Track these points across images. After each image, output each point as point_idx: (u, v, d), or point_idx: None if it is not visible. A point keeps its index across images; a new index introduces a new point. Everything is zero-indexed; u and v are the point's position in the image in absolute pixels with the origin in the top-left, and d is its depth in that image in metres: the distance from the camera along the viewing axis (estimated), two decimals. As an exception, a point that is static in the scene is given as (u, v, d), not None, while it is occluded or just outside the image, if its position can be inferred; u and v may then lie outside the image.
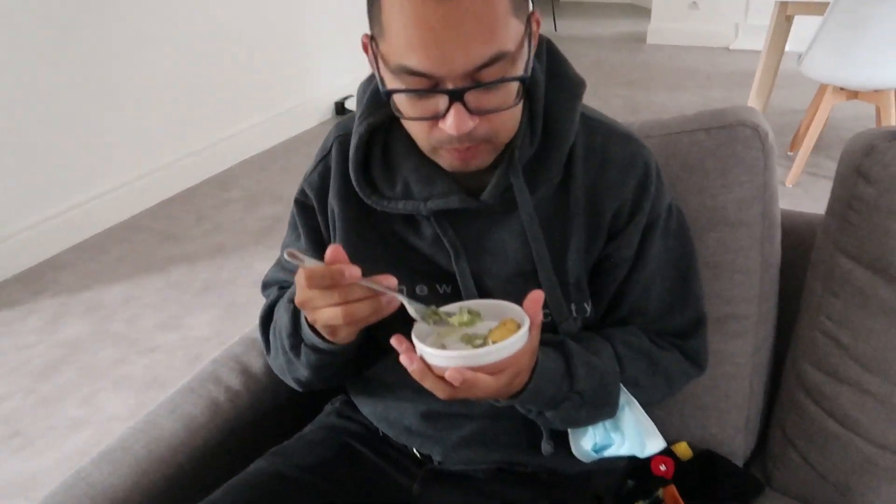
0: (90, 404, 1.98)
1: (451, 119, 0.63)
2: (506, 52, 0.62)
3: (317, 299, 0.63)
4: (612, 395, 0.77)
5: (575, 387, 0.72)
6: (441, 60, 0.60)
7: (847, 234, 0.88)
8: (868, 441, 0.89)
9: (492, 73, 0.62)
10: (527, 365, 0.66)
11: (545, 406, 0.73)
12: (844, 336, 0.90)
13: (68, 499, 0.84)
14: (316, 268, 0.62)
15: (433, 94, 0.64)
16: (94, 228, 2.97)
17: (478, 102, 0.64)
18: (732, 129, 0.92)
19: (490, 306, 0.68)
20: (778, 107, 3.64)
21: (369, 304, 0.64)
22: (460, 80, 0.62)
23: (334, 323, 0.64)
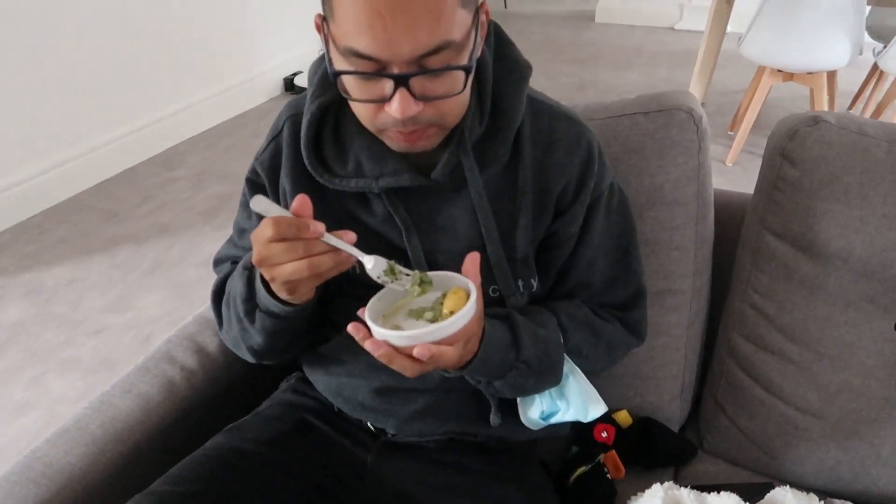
0: (36, 387, 1.95)
1: (396, 103, 0.65)
2: (451, 41, 0.64)
3: (279, 254, 0.65)
4: (557, 364, 0.82)
5: (521, 356, 0.76)
6: (388, 45, 0.62)
7: (773, 213, 0.95)
8: (789, 405, 0.97)
9: (437, 61, 0.65)
10: (476, 331, 0.69)
11: (493, 375, 0.77)
12: (770, 308, 0.97)
13: (25, 478, 0.84)
14: (283, 217, 0.64)
15: (379, 77, 0.65)
16: (33, 209, 2.87)
17: (423, 88, 0.67)
18: (669, 113, 0.97)
19: (435, 277, 0.71)
20: (719, 86, 3.75)
21: (331, 257, 0.66)
22: (406, 65, 0.64)
23: (298, 277, 0.65)
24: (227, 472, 0.82)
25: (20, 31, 2.68)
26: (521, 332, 0.77)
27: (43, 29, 2.77)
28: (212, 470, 0.82)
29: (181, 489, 0.78)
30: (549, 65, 4.26)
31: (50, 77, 2.84)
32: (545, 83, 3.93)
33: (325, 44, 0.69)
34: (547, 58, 4.40)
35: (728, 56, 4.01)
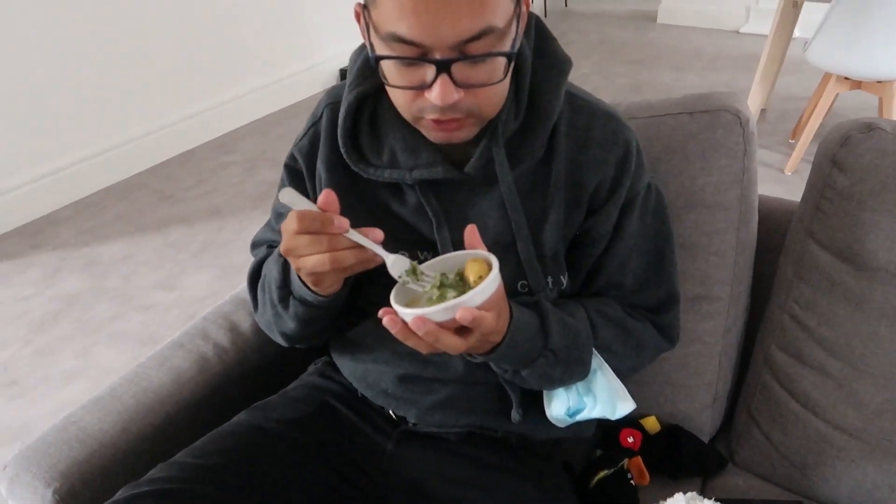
0: (85, 357, 2.03)
1: (437, 89, 0.65)
2: (494, 27, 0.63)
3: (304, 247, 0.66)
4: (585, 355, 0.80)
5: (549, 344, 0.75)
6: (430, 30, 0.62)
7: (819, 222, 0.91)
8: (827, 422, 0.93)
9: (479, 47, 0.64)
10: (503, 306, 0.68)
11: (520, 363, 0.76)
12: (810, 320, 0.93)
13: (59, 440, 0.88)
14: (308, 210, 0.65)
15: (421, 63, 0.65)
16: (94, 186, 2.99)
17: (464, 75, 0.66)
18: (715, 114, 0.94)
19: (454, 258, 0.70)
20: (783, 93, 3.62)
21: (354, 253, 0.66)
22: (448, 51, 0.64)
23: (320, 270, 0.66)
24: (249, 448, 0.84)
25: (87, 17, 2.79)
26: (549, 320, 0.76)
27: (108, 14, 2.87)
28: (233, 445, 0.84)
29: (203, 461, 0.80)
30: (605, 65, 4.20)
31: (114, 61, 2.95)
32: (600, 83, 3.88)
33: (366, 31, 0.70)
34: (603, 57, 4.34)
35: (794, 62, 3.87)
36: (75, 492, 0.84)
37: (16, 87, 2.61)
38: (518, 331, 0.71)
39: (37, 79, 2.67)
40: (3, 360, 2.03)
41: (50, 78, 2.72)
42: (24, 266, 2.48)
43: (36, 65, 2.66)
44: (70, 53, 2.76)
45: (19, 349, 2.07)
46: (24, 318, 2.21)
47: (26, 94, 2.66)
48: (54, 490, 0.83)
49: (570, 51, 4.62)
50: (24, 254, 2.56)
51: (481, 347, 0.70)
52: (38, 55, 2.65)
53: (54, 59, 2.71)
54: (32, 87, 2.67)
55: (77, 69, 2.81)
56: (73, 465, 0.86)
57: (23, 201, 2.74)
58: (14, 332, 2.15)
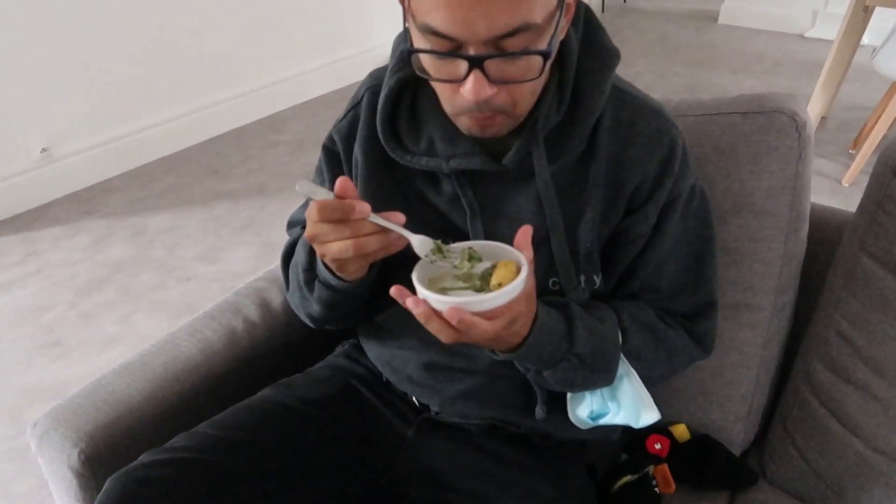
0: (126, 323, 2.08)
1: (470, 85, 0.64)
2: (531, 23, 0.61)
3: (327, 233, 0.65)
4: (611, 363, 0.78)
5: (574, 348, 0.73)
6: (464, 24, 0.60)
7: (874, 235, 0.86)
8: (867, 444, 0.88)
9: (515, 44, 0.62)
10: (524, 311, 0.66)
11: (543, 364, 0.74)
12: (859, 338, 0.89)
13: (88, 402, 0.90)
14: (327, 200, 0.64)
15: (453, 57, 0.64)
16: (146, 157, 3.06)
17: (499, 71, 0.64)
18: (769, 116, 0.90)
19: (486, 247, 0.69)
20: (846, 101, 3.49)
21: (378, 238, 0.66)
22: (482, 46, 0.62)
23: (344, 256, 0.66)
24: (270, 424, 0.84)
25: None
26: (576, 324, 0.74)
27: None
28: (255, 420, 0.84)
29: (223, 434, 0.81)
30: (662, 63, 4.10)
31: (173, 37, 3.01)
32: (654, 82, 3.79)
33: (405, 18, 0.68)
34: (660, 56, 4.24)
35: (861, 69, 3.72)
36: (100, 453, 0.86)
37: (77, 59, 2.69)
38: (542, 333, 0.70)
39: (97, 51, 2.74)
40: (49, 320, 2.10)
41: (110, 51, 2.78)
42: (75, 231, 2.56)
43: (97, 37, 2.72)
44: (131, 28, 2.82)
45: (65, 311, 2.13)
46: (72, 282, 2.27)
47: (87, 67, 2.73)
48: (80, 450, 0.85)
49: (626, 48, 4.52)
50: (76, 219, 2.64)
51: (496, 346, 0.68)
52: (99, 28, 2.72)
53: (114, 33, 2.78)
54: (93, 58, 2.74)
55: (137, 43, 2.87)
56: (100, 427, 0.87)
57: (77, 168, 2.82)
58: (61, 294, 2.21)
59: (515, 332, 0.67)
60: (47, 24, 2.56)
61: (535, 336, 0.69)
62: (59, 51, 2.62)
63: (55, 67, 2.63)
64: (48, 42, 2.58)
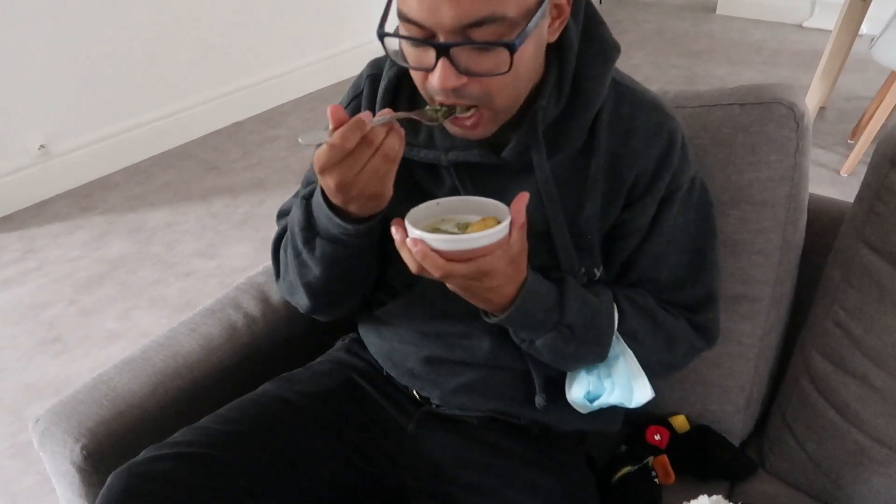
0: (126, 319, 2.08)
1: (438, 72, 0.64)
2: (501, 15, 0.61)
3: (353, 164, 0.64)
4: (603, 337, 0.79)
5: (564, 319, 0.74)
6: (430, 12, 0.61)
7: (872, 225, 0.87)
8: (866, 434, 0.89)
9: (483, 34, 0.62)
10: (501, 269, 0.67)
11: (533, 331, 0.75)
12: (856, 328, 0.89)
13: (89, 398, 0.90)
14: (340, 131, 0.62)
15: (422, 45, 0.64)
16: (144, 153, 3.05)
17: (468, 62, 0.64)
18: (767, 107, 0.90)
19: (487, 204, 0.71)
20: (845, 91, 3.48)
21: (393, 136, 0.65)
22: (450, 35, 0.62)
23: (383, 171, 0.65)
24: (271, 418, 0.85)
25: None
26: (568, 295, 0.75)
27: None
28: (256, 414, 0.84)
29: (225, 428, 0.81)
30: (660, 55, 4.09)
31: (169, 33, 3.00)
32: (653, 74, 3.78)
33: (387, 5, 0.68)
34: (658, 48, 4.23)
35: (859, 59, 3.71)
36: (102, 449, 0.86)
37: (74, 55, 2.68)
38: (531, 297, 0.71)
39: (95, 48, 2.73)
40: (49, 317, 2.10)
41: (107, 47, 2.77)
42: (74, 228, 2.56)
43: (94, 34, 2.71)
44: (128, 24, 2.81)
45: (64, 308, 2.14)
46: (71, 279, 2.27)
47: (84, 63, 2.72)
48: (82, 446, 0.85)
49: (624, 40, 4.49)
50: (75, 216, 2.64)
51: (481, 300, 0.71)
52: (97, 26, 2.71)
53: (112, 29, 2.76)
54: (90, 55, 2.73)
55: (133, 39, 2.86)
56: (102, 422, 0.87)
57: (76, 165, 2.82)
58: (60, 290, 2.21)
59: (494, 286, 0.68)
60: (44, 20, 2.55)
61: (524, 299, 0.71)
62: (55, 47, 2.61)
63: (52, 64, 2.62)
64: (45, 39, 2.57)
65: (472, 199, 0.73)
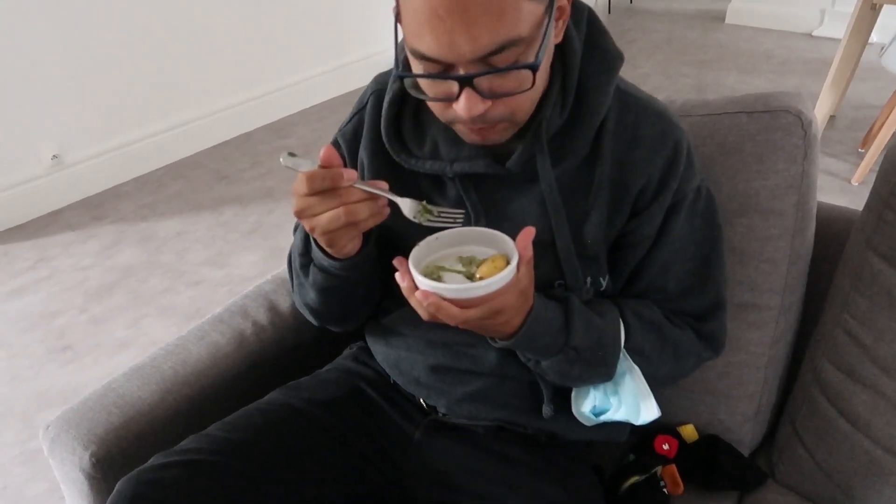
0: (136, 327, 2.09)
1: (463, 103, 0.64)
2: (517, 38, 0.61)
3: (316, 205, 0.66)
4: (609, 357, 0.79)
5: (570, 342, 0.74)
6: (449, 47, 0.61)
7: (881, 233, 0.86)
8: (877, 444, 0.88)
9: (504, 59, 0.62)
10: (512, 304, 0.67)
11: (540, 354, 0.76)
12: (866, 336, 0.88)
13: (98, 405, 0.91)
14: (314, 171, 0.65)
15: (443, 79, 0.65)
16: (155, 163, 3.08)
17: (491, 86, 0.65)
18: (774, 115, 0.90)
19: (487, 235, 0.70)
20: (855, 100, 3.46)
21: (367, 205, 0.67)
22: (470, 65, 0.62)
23: (335, 226, 0.66)
24: (278, 426, 0.85)
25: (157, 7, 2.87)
26: (574, 317, 0.75)
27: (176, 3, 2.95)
28: (264, 422, 0.85)
29: (233, 436, 0.81)
30: (669, 64, 4.09)
31: (180, 44, 3.03)
32: (661, 83, 3.78)
33: (396, 35, 0.69)
34: (668, 57, 4.23)
35: (870, 68, 3.70)
36: (111, 455, 0.87)
37: (87, 66, 2.71)
38: (537, 324, 0.71)
39: (107, 59, 2.76)
40: (60, 325, 2.11)
41: (119, 60, 2.81)
42: (86, 237, 2.58)
43: (106, 45, 2.75)
44: (139, 35, 2.84)
45: (75, 316, 2.15)
46: (82, 287, 2.29)
47: (97, 75, 2.75)
48: (91, 452, 0.86)
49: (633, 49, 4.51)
50: (86, 225, 2.66)
51: (490, 333, 0.71)
52: (108, 37, 2.74)
53: (124, 40, 2.80)
54: (102, 66, 2.76)
55: (144, 52, 2.89)
56: (111, 429, 0.88)
57: (88, 174, 2.85)
58: (71, 299, 2.23)
59: (505, 321, 0.68)
60: (58, 33, 2.58)
61: (530, 326, 0.71)
62: (69, 59, 2.65)
63: (65, 76, 2.66)
64: (58, 51, 2.61)
65: (471, 230, 0.72)
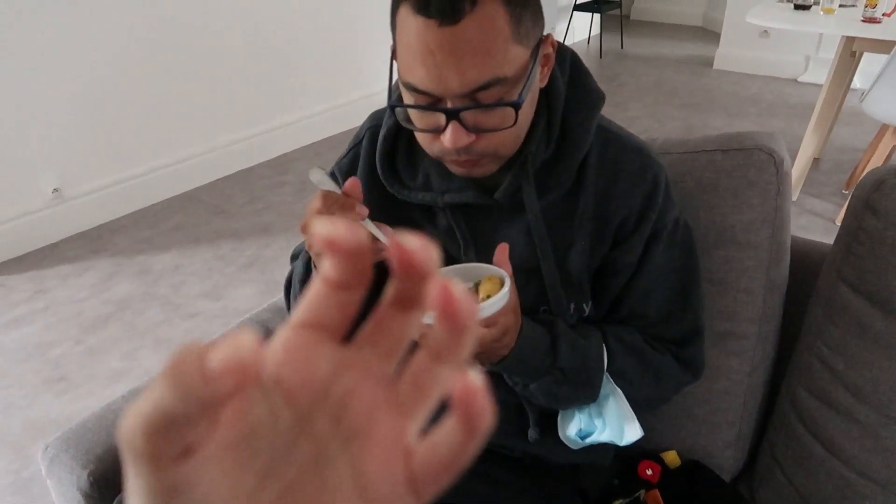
0: (131, 359, 2.11)
1: (449, 134, 0.69)
2: (502, 77, 0.67)
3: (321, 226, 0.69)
4: (594, 378, 0.82)
5: (557, 362, 0.78)
6: (438, 81, 0.66)
7: (850, 265, 0.91)
8: (851, 469, 0.91)
9: (489, 96, 0.68)
10: (513, 323, 0.71)
11: (528, 376, 0.79)
12: (839, 363, 0.92)
13: (98, 426, 0.93)
14: (333, 192, 0.69)
15: (433, 110, 0.70)
16: (153, 198, 3.13)
17: (476, 121, 0.70)
18: (748, 153, 0.95)
19: (468, 269, 0.74)
20: (839, 143, 3.56)
21: None
22: (458, 100, 0.67)
23: None
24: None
25: (157, 41, 2.96)
26: (560, 339, 0.78)
27: (177, 39, 3.04)
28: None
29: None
30: (658, 107, 4.20)
31: (180, 83, 3.11)
32: (651, 125, 3.88)
33: (392, 73, 0.74)
34: (657, 100, 4.34)
35: (853, 112, 3.81)
36: (108, 476, 0.89)
37: (89, 102, 2.78)
38: (526, 345, 0.74)
39: (108, 95, 2.84)
40: (55, 356, 2.13)
41: (120, 96, 2.88)
42: (82, 269, 2.61)
43: (108, 82, 2.82)
44: (139, 74, 2.92)
45: (71, 347, 2.17)
46: (78, 319, 2.31)
47: (98, 109, 2.82)
48: (89, 472, 0.88)
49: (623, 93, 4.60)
50: (84, 258, 2.69)
51: (487, 358, 0.73)
52: (110, 73, 2.82)
53: (125, 79, 2.88)
54: (104, 102, 2.83)
55: (145, 89, 2.97)
56: (109, 450, 0.90)
57: (87, 208, 2.89)
58: (67, 330, 2.25)
59: (505, 343, 0.71)
60: (61, 70, 2.66)
61: (520, 348, 0.74)
62: (71, 95, 2.72)
63: (67, 111, 2.72)
64: (61, 87, 2.68)
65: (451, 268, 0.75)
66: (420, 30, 0.64)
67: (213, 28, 3.16)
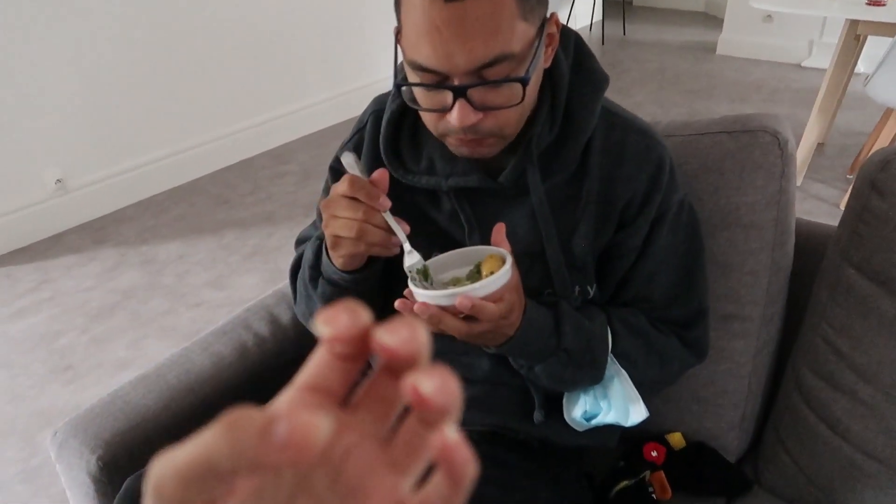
0: (136, 348, 2.12)
1: (456, 113, 0.69)
2: (509, 53, 0.66)
3: (342, 208, 0.70)
4: (599, 359, 0.82)
5: (562, 344, 0.78)
6: (445, 58, 0.65)
7: (855, 246, 0.91)
8: (855, 448, 0.91)
9: (496, 73, 0.67)
10: (517, 301, 0.71)
11: (533, 358, 0.79)
12: (844, 344, 0.92)
13: (105, 412, 0.94)
14: (361, 178, 0.70)
15: (439, 89, 0.69)
16: (157, 188, 3.13)
17: (482, 99, 0.69)
18: (753, 134, 0.95)
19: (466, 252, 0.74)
20: (844, 128, 3.55)
21: (381, 233, 0.71)
22: (465, 77, 0.67)
23: (345, 234, 0.70)
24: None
25: (160, 32, 2.95)
26: (564, 321, 0.78)
27: (179, 30, 3.03)
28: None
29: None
30: (661, 94, 4.18)
31: (183, 73, 3.10)
32: (654, 111, 3.87)
33: (397, 55, 0.74)
34: (660, 86, 4.32)
35: (858, 97, 3.79)
36: (117, 460, 0.90)
37: (92, 93, 2.78)
38: (531, 326, 0.74)
39: (111, 86, 2.84)
40: (62, 346, 2.14)
41: (123, 87, 2.88)
42: (87, 259, 2.61)
43: (111, 73, 2.82)
44: (143, 65, 2.92)
45: (76, 337, 2.18)
46: (84, 308, 2.32)
47: (101, 100, 2.82)
48: (98, 457, 0.89)
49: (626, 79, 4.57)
50: (88, 248, 2.70)
51: (494, 339, 0.73)
52: (112, 64, 2.81)
53: (128, 69, 2.87)
54: (107, 93, 2.83)
55: (148, 79, 2.96)
56: (117, 434, 0.91)
57: (91, 198, 2.90)
58: (73, 320, 2.26)
59: (511, 321, 0.71)
60: (63, 61, 2.65)
61: (524, 329, 0.74)
62: (74, 86, 2.71)
63: (70, 102, 2.72)
64: (64, 78, 2.68)
65: (450, 254, 0.75)
66: (426, 7, 0.63)
67: (215, 19, 3.15)
